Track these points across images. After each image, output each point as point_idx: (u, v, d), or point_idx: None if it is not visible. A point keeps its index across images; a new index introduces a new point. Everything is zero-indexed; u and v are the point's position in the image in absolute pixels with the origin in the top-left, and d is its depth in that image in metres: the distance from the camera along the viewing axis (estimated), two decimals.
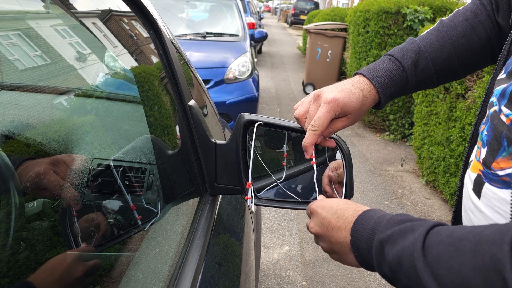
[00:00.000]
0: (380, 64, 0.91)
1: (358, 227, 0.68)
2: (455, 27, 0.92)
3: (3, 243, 0.51)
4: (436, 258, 0.54)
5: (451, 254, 0.52)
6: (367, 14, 6.08)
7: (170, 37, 1.12)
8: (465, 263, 0.50)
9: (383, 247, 0.62)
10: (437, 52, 0.91)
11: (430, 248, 0.55)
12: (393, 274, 0.61)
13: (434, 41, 0.92)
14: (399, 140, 5.83)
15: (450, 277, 0.51)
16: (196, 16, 6.34)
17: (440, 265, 0.53)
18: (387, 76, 0.89)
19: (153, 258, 0.83)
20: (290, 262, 3.05)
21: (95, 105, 0.85)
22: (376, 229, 0.65)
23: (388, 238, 0.61)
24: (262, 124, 0.92)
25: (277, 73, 10.76)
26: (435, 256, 0.54)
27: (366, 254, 0.66)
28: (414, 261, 0.56)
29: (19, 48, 0.67)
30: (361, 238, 0.66)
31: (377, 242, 0.63)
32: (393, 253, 0.60)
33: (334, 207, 0.75)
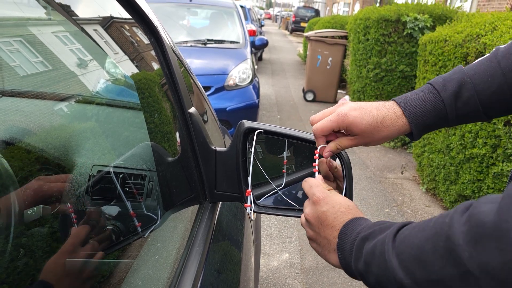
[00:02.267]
0: (418, 93, 0.85)
1: (347, 230, 0.70)
2: (510, 56, 0.81)
3: (2, 249, 0.51)
4: (402, 240, 0.57)
5: (415, 233, 0.56)
6: (367, 22, 6.10)
7: (170, 45, 1.13)
8: (422, 237, 0.53)
9: (363, 244, 0.64)
10: (485, 84, 0.81)
11: (400, 234, 0.58)
12: (366, 267, 0.63)
13: (483, 71, 0.82)
14: (399, 147, 5.83)
15: (408, 252, 0.55)
16: (197, 23, 6.37)
17: (403, 244, 0.56)
18: (421, 107, 0.83)
19: (152, 265, 0.83)
20: (290, 270, 3.04)
21: (95, 111, 0.85)
22: (361, 231, 0.67)
23: (369, 235, 0.64)
24: (262, 132, 0.92)
25: (277, 80, 10.78)
26: (402, 239, 0.57)
27: (348, 255, 0.68)
28: (384, 246, 0.59)
29: (21, 54, 0.68)
30: (347, 241, 0.68)
31: (359, 240, 0.66)
32: (369, 246, 0.63)
33: (336, 207, 0.74)
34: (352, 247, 0.67)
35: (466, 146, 3.43)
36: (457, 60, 3.64)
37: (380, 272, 0.59)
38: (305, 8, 33.57)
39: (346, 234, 0.69)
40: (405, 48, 5.81)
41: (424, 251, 0.52)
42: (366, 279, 0.64)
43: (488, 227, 0.45)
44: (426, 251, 0.52)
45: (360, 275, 0.65)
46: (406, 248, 0.55)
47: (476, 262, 0.45)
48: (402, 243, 0.57)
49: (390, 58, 5.91)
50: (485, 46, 3.22)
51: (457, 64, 3.62)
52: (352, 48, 6.84)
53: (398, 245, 0.57)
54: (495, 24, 3.42)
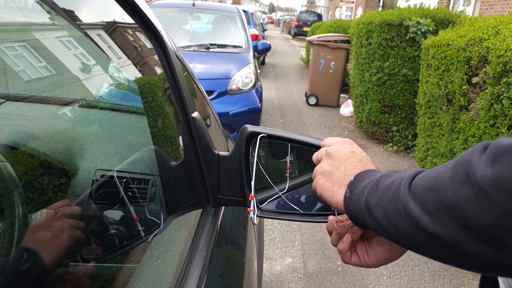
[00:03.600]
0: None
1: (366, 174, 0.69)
2: None
3: (6, 253, 0.51)
4: (420, 177, 0.56)
5: (435, 170, 0.55)
6: (370, 26, 6.10)
7: (174, 49, 1.13)
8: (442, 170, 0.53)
9: (382, 180, 0.63)
10: None
11: (420, 175, 0.57)
12: (378, 200, 0.61)
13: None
14: (402, 151, 5.82)
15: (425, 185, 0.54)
16: (200, 27, 6.39)
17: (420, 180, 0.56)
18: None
19: (155, 270, 0.83)
20: (292, 274, 3.03)
21: (99, 116, 0.85)
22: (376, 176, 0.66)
23: (390, 174, 0.63)
24: (265, 136, 0.92)
25: (280, 84, 10.79)
26: (421, 176, 0.57)
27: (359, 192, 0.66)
28: (401, 181, 0.58)
29: (25, 59, 0.68)
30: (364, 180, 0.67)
31: (378, 178, 0.64)
32: (387, 182, 0.61)
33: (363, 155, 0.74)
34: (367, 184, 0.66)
35: None
36: (460, 64, 3.64)
37: (391, 205, 0.58)
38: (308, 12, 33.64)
39: (364, 176, 0.68)
40: (408, 52, 5.81)
41: (441, 179, 0.52)
42: (371, 213, 0.62)
43: (506, 146, 0.46)
44: (442, 180, 0.52)
45: (367, 209, 0.63)
46: (421, 182, 0.55)
47: (489, 178, 0.46)
48: (419, 179, 0.56)
49: (393, 62, 5.90)
50: (488, 50, 3.22)
51: (460, 68, 3.62)
52: (355, 52, 6.84)
53: (415, 182, 0.56)
54: (498, 28, 3.42)
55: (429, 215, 0.52)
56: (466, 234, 0.49)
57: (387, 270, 3.13)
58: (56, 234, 0.60)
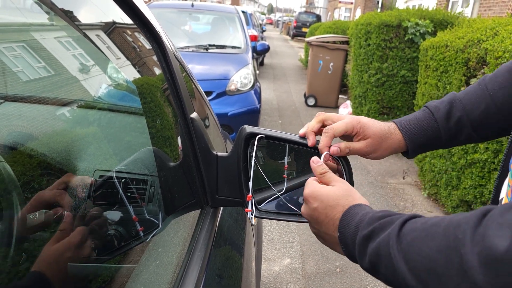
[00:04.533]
0: (415, 114, 0.91)
1: (344, 225, 0.69)
2: (496, 79, 0.87)
3: (4, 253, 0.51)
4: (409, 244, 0.56)
5: (422, 239, 0.55)
6: (368, 27, 6.12)
7: (172, 50, 1.13)
8: (433, 246, 0.53)
9: (367, 244, 0.64)
10: (474, 104, 0.87)
11: (405, 235, 0.57)
12: (373, 267, 0.63)
13: (472, 93, 0.89)
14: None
15: (420, 261, 0.54)
16: (199, 28, 6.39)
17: (412, 250, 0.55)
18: (416, 125, 0.88)
19: (154, 270, 0.83)
20: (291, 275, 3.03)
21: (97, 116, 0.85)
22: (360, 225, 0.66)
23: (371, 234, 0.63)
24: (263, 137, 0.92)
25: (279, 85, 10.80)
26: (409, 242, 0.56)
27: (352, 250, 0.68)
28: (389, 249, 0.58)
29: (23, 59, 0.68)
30: (347, 235, 0.68)
31: (360, 239, 0.65)
32: (373, 247, 0.62)
33: (324, 202, 0.74)
34: (353, 242, 0.67)
35: (467, 151, 3.43)
36: (458, 65, 3.64)
37: (389, 274, 0.59)
38: (307, 13, 33.67)
39: (344, 228, 0.69)
40: (407, 54, 5.82)
41: (438, 264, 0.51)
42: (374, 275, 0.64)
43: (500, 253, 0.44)
44: (440, 265, 0.51)
45: (368, 271, 0.65)
46: (415, 256, 0.55)
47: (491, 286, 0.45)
48: (410, 247, 0.56)
49: (392, 63, 5.91)
50: (486, 51, 3.23)
51: (458, 69, 3.63)
52: (354, 53, 6.85)
53: (405, 249, 0.56)
54: (496, 29, 3.43)
55: None
56: None
57: None
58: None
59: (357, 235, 0.66)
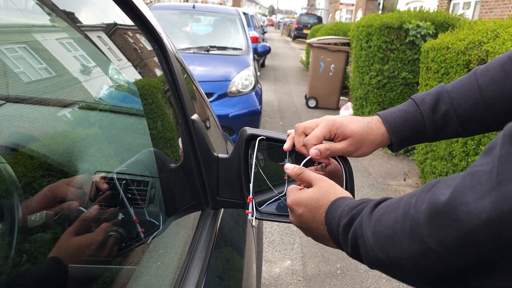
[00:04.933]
0: (399, 106, 0.89)
1: (330, 218, 0.71)
2: (487, 73, 0.84)
3: (5, 255, 0.51)
4: (377, 219, 0.59)
5: (387, 212, 0.58)
6: (369, 29, 6.12)
7: (173, 52, 1.13)
8: (393, 216, 0.55)
9: (347, 230, 0.66)
10: (462, 98, 0.84)
11: (375, 213, 0.60)
12: (355, 251, 0.65)
13: (461, 86, 0.86)
14: (401, 154, 5.82)
15: (382, 231, 0.57)
16: (200, 30, 6.40)
17: (378, 223, 0.58)
18: (400, 118, 0.86)
19: (154, 272, 0.83)
20: (292, 277, 3.03)
21: (98, 117, 0.86)
22: (341, 216, 0.69)
23: (349, 221, 0.66)
24: (264, 139, 0.92)
25: (280, 87, 10.80)
26: (377, 218, 0.59)
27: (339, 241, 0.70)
28: (362, 229, 0.61)
29: (25, 61, 0.68)
30: (334, 228, 0.70)
31: (342, 228, 0.68)
32: (351, 231, 0.65)
33: (308, 205, 0.75)
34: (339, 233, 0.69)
35: (468, 153, 3.43)
36: (459, 67, 3.64)
37: (366, 253, 0.61)
38: (308, 15, 33.70)
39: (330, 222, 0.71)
40: (408, 55, 5.82)
41: (395, 231, 0.54)
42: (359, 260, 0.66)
43: (440, 205, 0.47)
44: (396, 231, 0.54)
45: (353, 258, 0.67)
46: (380, 228, 0.58)
47: (435, 239, 0.47)
48: (377, 222, 0.59)
49: (393, 65, 5.91)
50: (487, 53, 3.23)
51: (460, 71, 3.63)
52: (355, 55, 6.85)
53: (373, 224, 0.59)
54: (497, 31, 3.43)
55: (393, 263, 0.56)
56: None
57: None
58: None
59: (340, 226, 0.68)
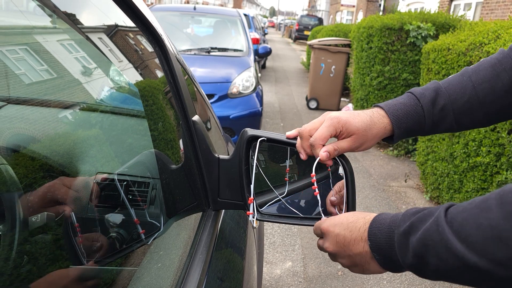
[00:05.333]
0: (399, 99, 0.91)
1: (375, 231, 0.69)
2: (479, 72, 0.90)
3: (6, 256, 0.51)
4: (462, 223, 0.56)
5: (477, 214, 0.54)
6: (370, 30, 6.12)
7: (174, 53, 1.13)
8: (493, 217, 0.52)
9: (408, 238, 0.63)
10: (458, 94, 0.89)
11: (454, 218, 0.57)
12: (420, 260, 0.62)
13: (456, 83, 0.91)
14: (402, 155, 5.82)
15: (480, 234, 0.53)
16: (201, 31, 6.40)
17: (467, 227, 0.55)
18: (403, 110, 0.89)
19: (155, 273, 0.83)
20: (293, 278, 3.02)
21: (99, 119, 0.86)
22: (393, 225, 0.66)
23: (410, 228, 0.63)
24: (265, 140, 0.92)
25: (281, 88, 10.80)
26: (460, 222, 0.56)
27: (389, 254, 0.67)
28: (439, 235, 0.58)
29: (26, 62, 0.68)
30: (380, 241, 0.68)
31: (399, 236, 0.64)
32: (417, 238, 0.61)
33: (344, 222, 0.76)
34: (390, 245, 0.66)
35: (470, 154, 3.42)
36: (460, 68, 3.64)
37: (441, 261, 0.58)
38: (309, 16, 33.72)
39: (375, 235, 0.69)
40: (408, 57, 5.82)
41: (505, 229, 0.51)
42: (420, 271, 0.64)
43: None
44: (507, 229, 0.51)
45: (413, 269, 0.64)
46: (473, 231, 0.54)
47: None
48: (464, 227, 0.55)
49: (393, 66, 5.91)
50: (488, 54, 3.22)
51: None
52: (355, 56, 6.85)
53: (458, 229, 0.56)
54: (498, 32, 3.42)
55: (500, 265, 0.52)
56: None
57: (388, 275, 3.13)
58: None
59: (394, 234, 0.65)
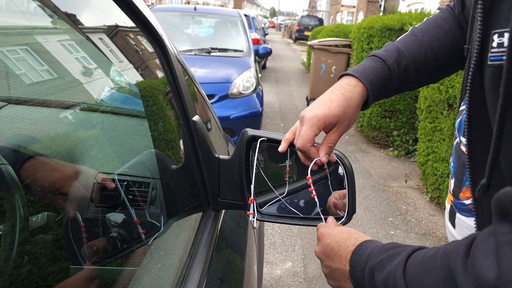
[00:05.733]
0: (365, 64, 0.92)
1: (356, 257, 0.70)
2: (428, 32, 0.96)
3: (6, 256, 0.51)
4: (412, 278, 0.57)
5: (423, 272, 0.56)
6: (371, 30, 6.12)
7: (175, 53, 1.14)
8: (433, 279, 0.54)
9: (374, 274, 0.64)
10: (416, 53, 0.94)
11: (408, 269, 0.58)
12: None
13: (411, 43, 0.95)
14: (403, 156, 5.82)
15: None
16: (202, 31, 6.40)
17: (415, 284, 0.56)
18: (373, 74, 0.90)
19: (155, 273, 0.83)
20: (293, 279, 3.02)
21: (100, 119, 0.86)
22: (369, 257, 0.67)
23: (377, 265, 0.64)
24: (265, 140, 0.92)
25: (281, 88, 10.81)
26: (411, 276, 0.57)
27: (362, 283, 0.68)
28: (396, 283, 0.59)
29: (26, 62, 0.68)
30: (358, 267, 0.69)
31: (368, 269, 0.66)
32: (381, 278, 0.63)
33: (338, 236, 0.77)
34: (363, 275, 0.67)
35: None
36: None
37: None
38: (309, 17, 33.74)
39: (355, 261, 0.70)
40: None
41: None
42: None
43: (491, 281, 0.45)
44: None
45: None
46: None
47: None
48: (413, 281, 0.57)
49: None
50: None
51: (461, 73, 3.62)
52: (356, 57, 6.85)
53: (410, 283, 0.57)
54: None
55: None
56: None
57: None
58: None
59: (367, 266, 0.67)
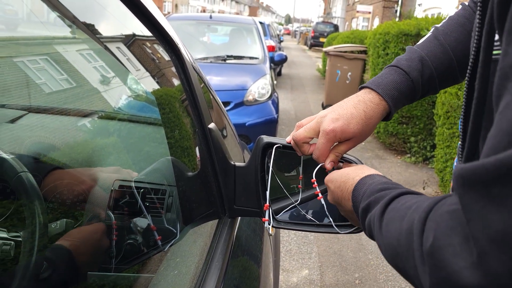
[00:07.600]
0: (388, 77, 0.88)
1: (356, 195, 0.72)
2: (451, 34, 0.91)
3: (26, 262, 0.52)
4: (386, 223, 0.58)
5: (394, 220, 0.56)
6: (386, 36, 6.09)
7: (191, 61, 1.15)
8: (399, 229, 0.54)
9: (364, 216, 0.66)
10: (439, 60, 0.90)
11: (386, 214, 0.59)
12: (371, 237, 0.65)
13: (434, 49, 0.91)
14: (420, 162, 5.75)
15: (388, 240, 0.56)
16: (217, 39, 6.45)
17: (386, 229, 0.57)
18: (396, 89, 0.87)
19: (172, 280, 0.83)
20: (309, 287, 3.00)
21: (117, 127, 0.87)
22: (362, 198, 0.69)
23: (367, 207, 0.66)
24: (280, 147, 0.92)
25: (296, 95, 10.80)
26: (386, 222, 0.58)
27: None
28: (375, 226, 0.61)
29: (46, 72, 0.70)
30: (357, 205, 0.71)
31: (360, 211, 0.68)
32: (367, 221, 0.65)
33: (338, 180, 0.78)
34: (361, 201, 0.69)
35: None
36: None
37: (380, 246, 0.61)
38: (324, 23, 33.74)
39: (356, 199, 0.72)
40: None
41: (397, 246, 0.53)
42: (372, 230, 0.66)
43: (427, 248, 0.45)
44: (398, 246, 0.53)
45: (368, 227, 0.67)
46: (388, 235, 0.56)
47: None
48: (386, 227, 0.58)
49: None
50: None
51: None
52: (372, 63, 6.82)
53: (383, 228, 0.58)
54: None
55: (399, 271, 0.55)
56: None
57: (406, 283, 3.08)
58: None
59: (359, 208, 0.68)
